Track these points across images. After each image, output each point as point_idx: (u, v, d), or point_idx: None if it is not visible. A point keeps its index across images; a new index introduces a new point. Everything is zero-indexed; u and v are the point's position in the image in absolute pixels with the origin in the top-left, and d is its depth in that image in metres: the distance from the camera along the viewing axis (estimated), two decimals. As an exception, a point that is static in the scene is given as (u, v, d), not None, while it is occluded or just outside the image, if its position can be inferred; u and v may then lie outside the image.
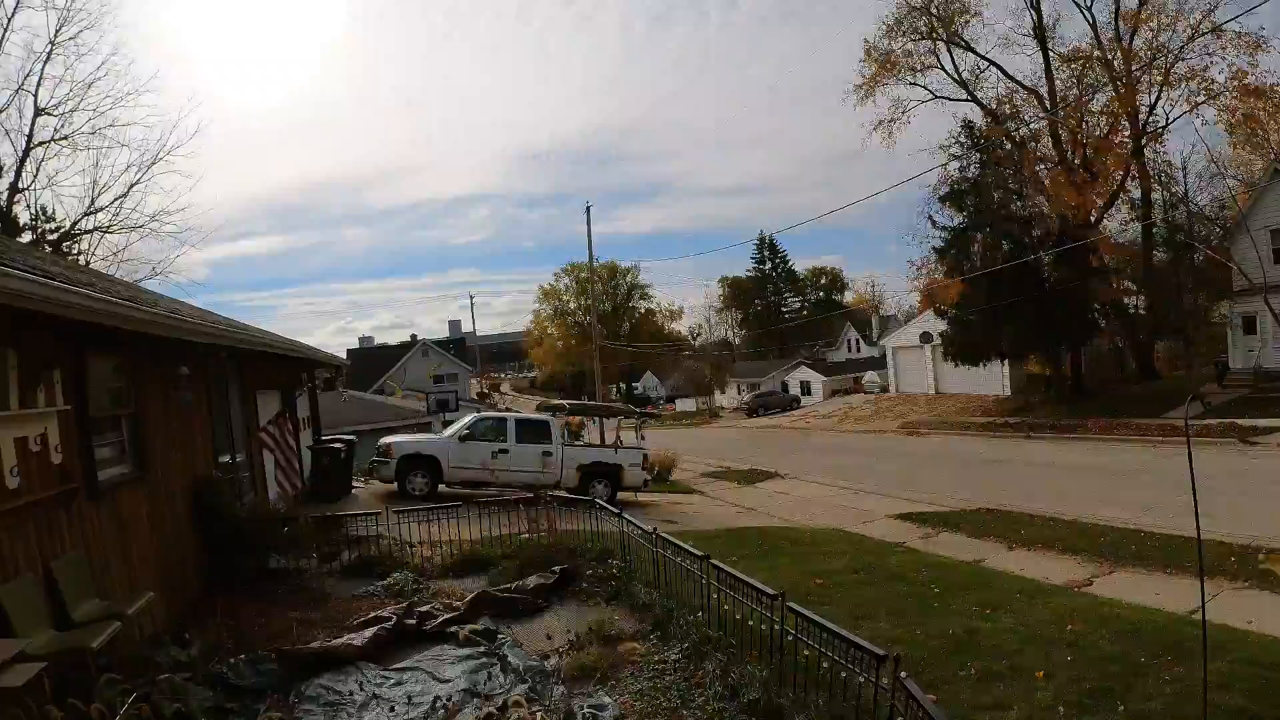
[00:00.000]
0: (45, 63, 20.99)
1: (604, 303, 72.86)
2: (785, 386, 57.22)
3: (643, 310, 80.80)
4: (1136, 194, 30.27)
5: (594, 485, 14.48)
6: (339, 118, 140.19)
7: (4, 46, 20.50)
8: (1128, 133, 28.59)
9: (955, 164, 29.75)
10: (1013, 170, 28.79)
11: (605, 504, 8.84)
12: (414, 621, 6.12)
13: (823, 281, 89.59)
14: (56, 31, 21.05)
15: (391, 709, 4.70)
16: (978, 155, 29.23)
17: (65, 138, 21.49)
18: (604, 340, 48.73)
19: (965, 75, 32.24)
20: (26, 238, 19.67)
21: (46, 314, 4.09)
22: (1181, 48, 26.00)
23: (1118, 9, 28.13)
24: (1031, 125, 29.65)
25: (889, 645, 4.51)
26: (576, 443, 17.58)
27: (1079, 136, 28.44)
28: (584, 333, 65.66)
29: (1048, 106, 29.47)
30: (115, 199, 22.40)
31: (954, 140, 30.01)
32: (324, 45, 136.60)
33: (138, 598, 5.25)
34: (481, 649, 5.66)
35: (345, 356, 39.14)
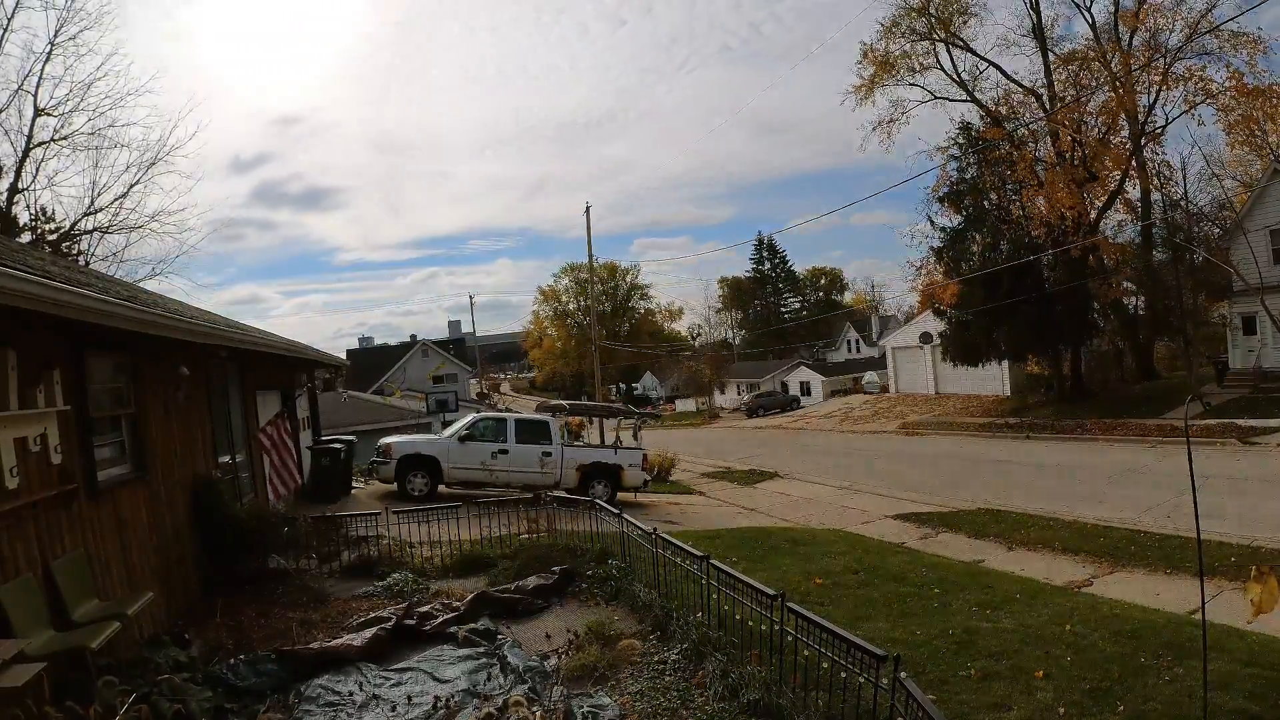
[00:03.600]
0: (45, 63, 21.01)
1: (604, 303, 72.82)
2: (785, 387, 57.22)
3: (642, 310, 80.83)
4: (1135, 194, 30.29)
5: (594, 485, 14.47)
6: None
7: (4, 47, 20.53)
8: (1126, 133, 28.61)
9: (954, 165, 29.85)
10: (1011, 170, 28.81)
11: (605, 504, 8.84)
12: (414, 622, 6.12)
13: (822, 282, 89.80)
14: (56, 31, 21.08)
15: (392, 709, 4.70)
16: (975, 156, 29.28)
17: (65, 138, 21.50)
18: (603, 340, 48.72)
19: (964, 76, 32.23)
20: (26, 238, 19.64)
21: (46, 314, 4.08)
22: (1180, 47, 26.02)
23: (1117, 9, 28.19)
24: (1031, 126, 29.61)
25: (889, 645, 4.51)
26: (576, 443, 17.57)
27: (1078, 137, 28.44)
28: (584, 333, 65.66)
29: (1047, 107, 29.46)
30: (115, 199, 22.41)
31: (952, 141, 30.14)
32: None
33: (138, 598, 5.25)
34: (481, 649, 5.66)
35: (345, 357, 39.29)
